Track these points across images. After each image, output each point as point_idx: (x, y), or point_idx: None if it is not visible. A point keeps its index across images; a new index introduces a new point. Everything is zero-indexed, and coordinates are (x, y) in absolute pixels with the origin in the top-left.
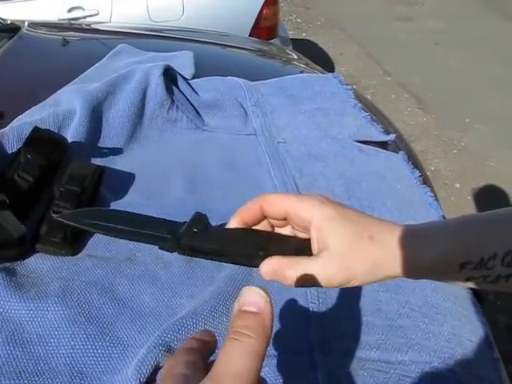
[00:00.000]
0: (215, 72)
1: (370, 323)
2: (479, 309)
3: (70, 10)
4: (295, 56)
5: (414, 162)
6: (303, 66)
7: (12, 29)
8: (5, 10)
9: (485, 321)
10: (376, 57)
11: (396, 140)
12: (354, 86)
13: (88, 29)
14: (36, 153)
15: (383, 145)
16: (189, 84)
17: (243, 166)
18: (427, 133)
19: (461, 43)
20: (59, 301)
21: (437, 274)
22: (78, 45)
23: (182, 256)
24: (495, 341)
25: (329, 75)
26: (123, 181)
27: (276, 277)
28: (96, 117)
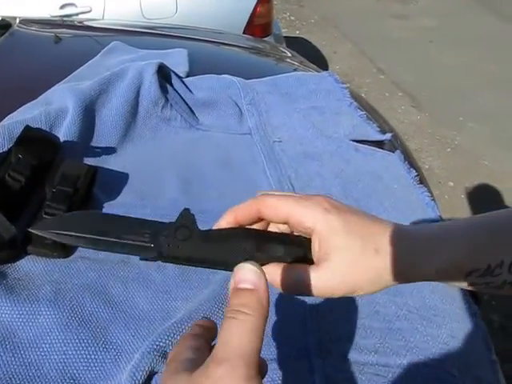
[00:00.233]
0: (209, 70)
1: (368, 326)
2: (477, 310)
3: (63, 7)
4: (289, 54)
5: (410, 162)
6: (297, 64)
7: (3, 25)
8: None
9: (482, 322)
10: (370, 55)
11: (392, 139)
12: (348, 85)
13: (81, 26)
14: (27, 152)
15: (379, 144)
16: (183, 82)
17: (238, 166)
18: (421, 131)
19: (455, 41)
20: (51, 304)
21: (441, 281)
22: (71, 42)
23: None
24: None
25: (324, 73)
26: (117, 181)
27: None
28: (89, 115)
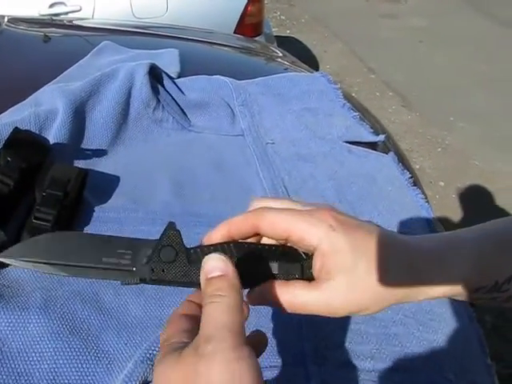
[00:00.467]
0: (200, 70)
1: (364, 332)
2: (472, 313)
3: (52, 6)
4: (280, 54)
5: (404, 163)
6: (288, 64)
7: None
8: None
9: (478, 326)
10: (360, 54)
11: (385, 140)
12: (339, 84)
13: (70, 25)
14: (16, 155)
15: (372, 145)
16: (174, 83)
17: (231, 168)
18: (412, 131)
19: (445, 41)
20: (41, 312)
21: (447, 297)
22: (60, 41)
23: None
24: None
25: (316, 74)
26: (108, 184)
27: (264, 302)
28: (79, 117)
